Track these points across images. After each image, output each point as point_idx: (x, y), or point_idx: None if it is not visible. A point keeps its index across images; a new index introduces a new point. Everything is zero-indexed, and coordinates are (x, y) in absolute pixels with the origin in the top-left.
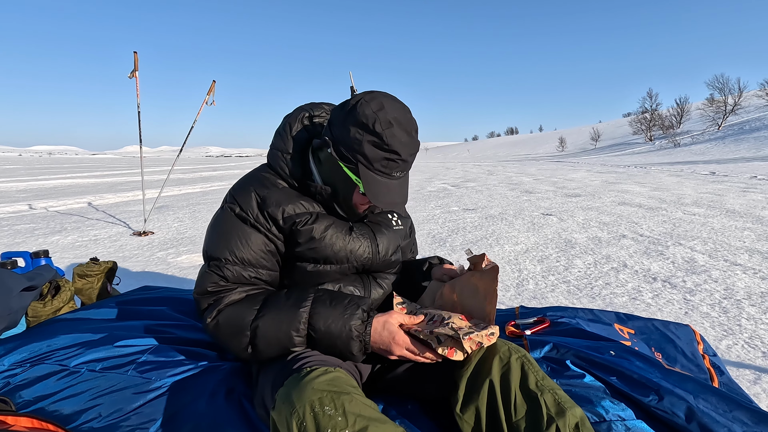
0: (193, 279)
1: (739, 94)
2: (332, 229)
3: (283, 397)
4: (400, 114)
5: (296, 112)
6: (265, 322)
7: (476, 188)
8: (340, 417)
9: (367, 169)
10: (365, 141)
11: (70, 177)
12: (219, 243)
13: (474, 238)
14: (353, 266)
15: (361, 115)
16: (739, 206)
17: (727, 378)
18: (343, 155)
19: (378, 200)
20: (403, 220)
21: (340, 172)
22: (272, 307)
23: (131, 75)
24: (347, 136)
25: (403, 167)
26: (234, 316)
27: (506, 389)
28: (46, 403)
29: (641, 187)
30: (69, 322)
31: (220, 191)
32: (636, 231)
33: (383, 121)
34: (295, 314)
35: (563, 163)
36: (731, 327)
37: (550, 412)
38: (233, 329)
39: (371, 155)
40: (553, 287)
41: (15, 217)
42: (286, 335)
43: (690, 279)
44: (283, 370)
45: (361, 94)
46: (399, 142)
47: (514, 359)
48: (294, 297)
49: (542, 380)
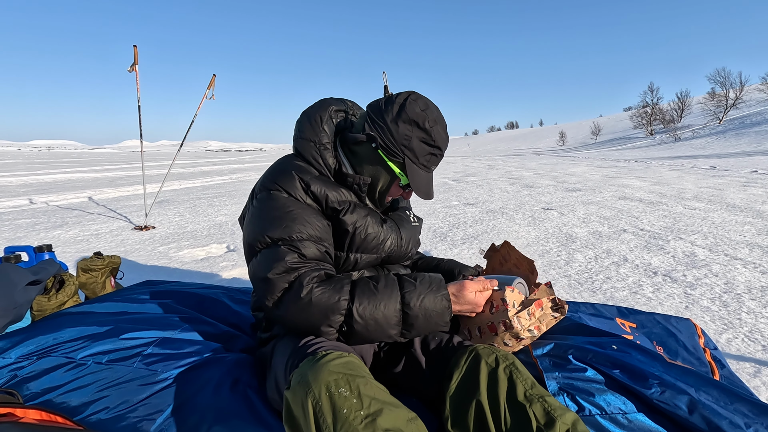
0: (194, 273)
1: (741, 88)
2: (368, 219)
3: (298, 378)
4: (438, 114)
5: (323, 104)
6: (362, 301)
7: (476, 182)
8: (355, 399)
9: (412, 163)
10: (414, 137)
11: (70, 171)
12: (282, 224)
13: (475, 233)
14: (380, 257)
15: (411, 113)
16: (739, 201)
17: (728, 371)
18: (389, 150)
19: (420, 192)
20: (417, 219)
21: (382, 165)
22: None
23: (131, 69)
24: (396, 131)
25: (438, 162)
26: (326, 296)
27: (495, 403)
28: (54, 395)
29: (642, 182)
30: (74, 315)
31: (220, 186)
32: (636, 225)
33: (430, 120)
34: (391, 294)
35: (564, 157)
36: (731, 321)
37: (540, 423)
38: (328, 307)
39: (418, 150)
40: (554, 281)
41: (16, 211)
42: (383, 315)
43: (690, 273)
44: (297, 354)
45: (406, 93)
46: (442, 139)
47: (501, 370)
48: (382, 281)
49: (531, 389)
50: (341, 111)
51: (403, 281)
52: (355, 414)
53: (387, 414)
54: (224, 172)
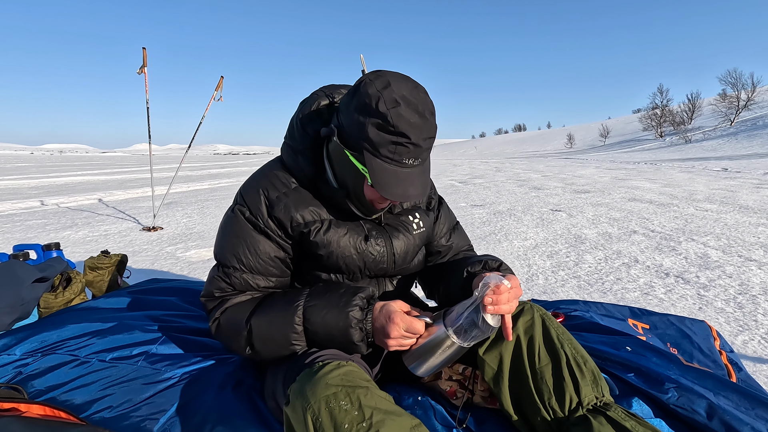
0: (201, 273)
1: (753, 89)
2: (345, 238)
3: (296, 393)
4: (409, 92)
5: (311, 98)
6: (259, 319)
7: (484, 185)
8: (356, 411)
9: (372, 156)
10: (369, 123)
11: (81, 174)
12: (227, 248)
13: (482, 234)
14: (367, 275)
15: (364, 95)
16: (752, 202)
17: (744, 374)
18: (347, 142)
19: (386, 191)
20: (425, 219)
21: (347, 163)
22: (267, 305)
23: (140, 71)
24: (351, 120)
25: (416, 153)
26: (233, 316)
27: (531, 339)
28: (58, 392)
29: (652, 183)
30: (79, 312)
31: (228, 188)
32: (647, 227)
33: (388, 100)
34: (288, 309)
35: (572, 159)
36: (747, 322)
37: (570, 362)
38: (232, 329)
39: (376, 139)
40: (564, 282)
41: (27, 213)
42: (280, 333)
43: (703, 274)
44: (295, 365)
45: (368, 73)
46: (407, 123)
47: (536, 315)
48: (291, 293)
49: (561, 334)
50: (336, 102)
51: (312, 294)
52: (357, 427)
53: (390, 424)
54: (232, 175)
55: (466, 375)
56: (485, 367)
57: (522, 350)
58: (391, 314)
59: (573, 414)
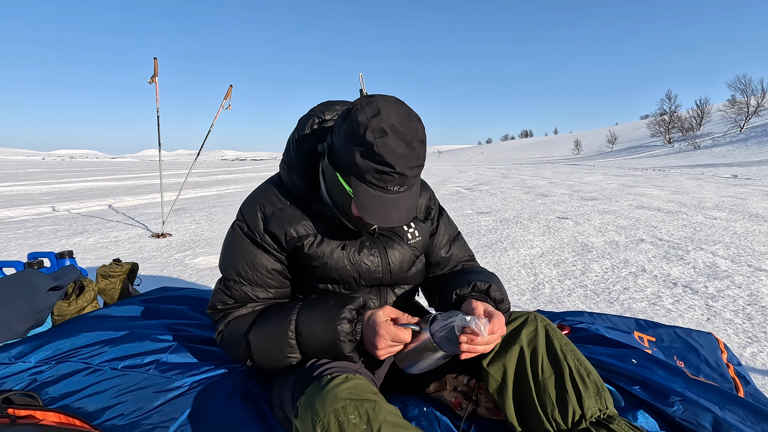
0: (209, 280)
1: (762, 95)
2: (338, 250)
3: (306, 406)
4: (399, 121)
5: (308, 116)
6: (256, 334)
7: (490, 191)
8: (365, 425)
9: (358, 181)
10: (356, 150)
11: (91, 180)
12: (228, 262)
13: (488, 242)
14: (363, 285)
15: (353, 121)
16: (762, 210)
17: (752, 388)
18: (336, 164)
19: (368, 215)
20: (421, 229)
21: (337, 183)
22: (263, 319)
23: (151, 80)
24: (340, 143)
25: (402, 181)
26: (233, 329)
27: (534, 351)
28: (71, 400)
29: (660, 191)
30: (92, 320)
31: (236, 194)
32: (655, 235)
33: (376, 129)
34: (281, 324)
35: (579, 166)
36: (756, 334)
37: (573, 374)
38: (233, 343)
39: (362, 166)
40: (570, 291)
41: (39, 219)
42: (275, 346)
43: (712, 284)
44: (303, 377)
45: (361, 98)
46: (393, 153)
47: (540, 326)
48: (285, 306)
49: (565, 345)
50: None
51: (303, 308)
52: None
53: None
54: (239, 181)
55: (470, 386)
56: (489, 379)
57: (525, 361)
58: (376, 326)
59: (576, 426)
